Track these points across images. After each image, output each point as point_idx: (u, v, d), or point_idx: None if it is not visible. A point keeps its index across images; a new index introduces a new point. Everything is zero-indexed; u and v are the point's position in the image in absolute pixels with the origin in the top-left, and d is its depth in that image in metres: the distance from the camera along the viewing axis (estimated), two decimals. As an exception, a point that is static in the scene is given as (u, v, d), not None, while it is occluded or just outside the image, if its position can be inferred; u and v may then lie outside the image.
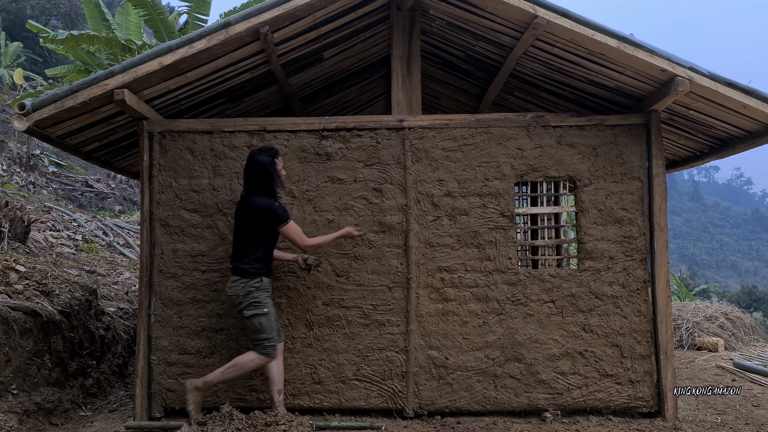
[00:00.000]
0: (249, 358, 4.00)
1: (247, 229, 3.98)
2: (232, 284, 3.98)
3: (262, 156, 4.01)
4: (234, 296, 3.96)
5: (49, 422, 4.22)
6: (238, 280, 3.96)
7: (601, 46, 4.02)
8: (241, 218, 4.00)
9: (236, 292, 3.95)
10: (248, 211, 3.97)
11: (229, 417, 4.11)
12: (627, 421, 4.34)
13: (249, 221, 3.97)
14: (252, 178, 4.01)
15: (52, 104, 4.07)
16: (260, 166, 3.98)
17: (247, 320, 3.97)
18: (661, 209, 4.48)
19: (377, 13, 4.99)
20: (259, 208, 3.94)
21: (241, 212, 4.02)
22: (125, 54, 9.58)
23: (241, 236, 4.01)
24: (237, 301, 3.97)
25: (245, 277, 3.95)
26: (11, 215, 6.71)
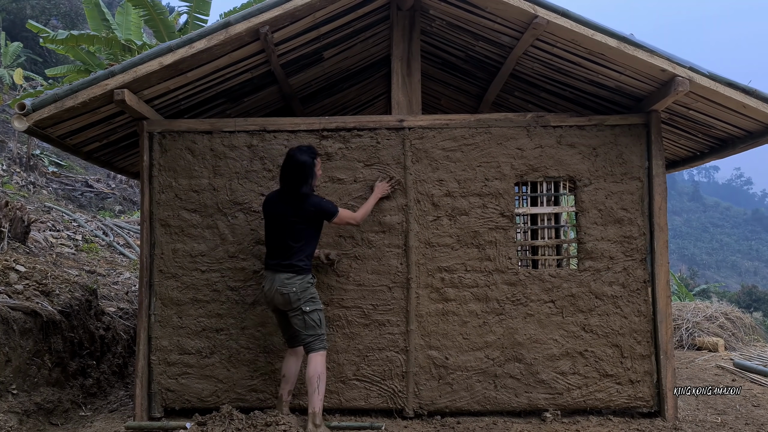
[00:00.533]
0: (318, 362, 3.89)
1: (294, 227, 3.90)
2: (287, 282, 3.86)
3: (303, 156, 3.94)
4: (290, 294, 3.85)
5: (49, 422, 4.22)
6: (293, 277, 3.87)
7: (601, 46, 4.02)
8: (287, 218, 3.91)
9: (293, 290, 3.85)
10: (298, 211, 3.89)
11: (229, 417, 4.11)
12: (627, 421, 4.34)
13: (303, 219, 3.90)
14: (290, 177, 3.94)
15: (52, 104, 4.07)
16: (301, 166, 3.91)
17: (306, 316, 3.88)
18: (661, 209, 4.48)
19: (377, 13, 4.99)
20: (310, 205, 3.91)
21: (284, 212, 3.92)
22: (125, 54, 9.58)
23: (286, 234, 3.91)
24: (294, 299, 3.85)
25: (300, 273, 3.89)
26: (11, 215, 6.70)
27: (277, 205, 3.99)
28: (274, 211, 4.00)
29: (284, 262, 3.91)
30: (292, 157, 3.95)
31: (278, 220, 3.96)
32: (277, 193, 4.06)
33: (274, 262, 3.95)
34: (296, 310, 3.89)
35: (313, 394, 3.85)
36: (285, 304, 3.90)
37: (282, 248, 3.94)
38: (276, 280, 3.90)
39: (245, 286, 4.51)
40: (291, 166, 3.94)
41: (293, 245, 3.90)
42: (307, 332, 3.92)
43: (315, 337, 3.92)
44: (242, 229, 4.54)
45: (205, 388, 4.45)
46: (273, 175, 4.57)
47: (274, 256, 3.97)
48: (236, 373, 4.46)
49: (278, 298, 3.90)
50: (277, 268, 3.92)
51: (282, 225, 3.94)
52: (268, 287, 3.95)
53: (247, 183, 4.58)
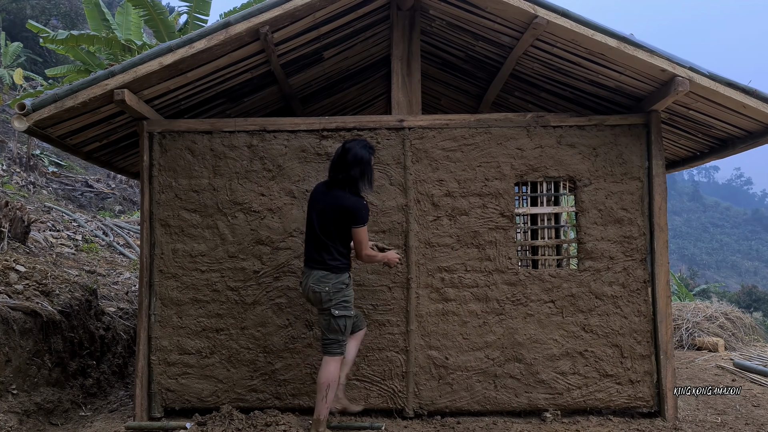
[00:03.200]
0: (331, 368, 3.73)
1: (332, 224, 3.72)
2: (321, 280, 3.70)
3: (362, 150, 3.73)
4: (321, 293, 3.69)
5: (49, 422, 4.22)
6: (327, 275, 3.71)
7: (601, 46, 4.02)
8: (325, 212, 3.73)
9: (325, 289, 3.69)
10: (334, 206, 3.70)
11: (229, 417, 4.12)
12: (627, 421, 4.34)
13: (335, 216, 3.71)
14: (343, 171, 3.71)
15: (52, 104, 4.06)
16: (359, 161, 3.70)
17: (333, 319, 3.71)
18: (661, 209, 4.48)
19: (377, 13, 4.99)
20: (346, 203, 3.68)
21: (323, 205, 3.75)
22: (125, 54, 9.58)
23: (324, 230, 3.74)
24: (325, 298, 3.69)
25: (334, 272, 3.72)
26: (11, 215, 6.70)
27: (319, 197, 3.81)
28: (315, 204, 3.81)
29: (319, 258, 3.75)
30: (349, 149, 3.73)
31: (315, 213, 3.78)
32: (324, 185, 3.86)
33: (309, 257, 3.81)
34: (325, 310, 3.74)
35: (321, 401, 3.72)
36: (316, 302, 3.76)
37: (316, 243, 3.77)
38: (311, 276, 3.76)
39: (245, 286, 4.51)
40: (347, 159, 3.70)
41: (328, 242, 3.73)
42: (329, 335, 3.77)
43: (335, 342, 3.77)
44: (242, 229, 4.54)
45: (205, 388, 4.45)
46: (273, 175, 4.57)
47: (310, 252, 3.81)
48: (236, 373, 4.46)
49: (311, 296, 3.77)
50: (313, 265, 3.77)
51: (318, 219, 3.77)
52: (304, 283, 3.82)
53: (247, 183, 4.58)
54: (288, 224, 4.54)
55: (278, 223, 4.54)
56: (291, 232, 4.54)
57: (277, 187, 4.57)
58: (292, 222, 4.54)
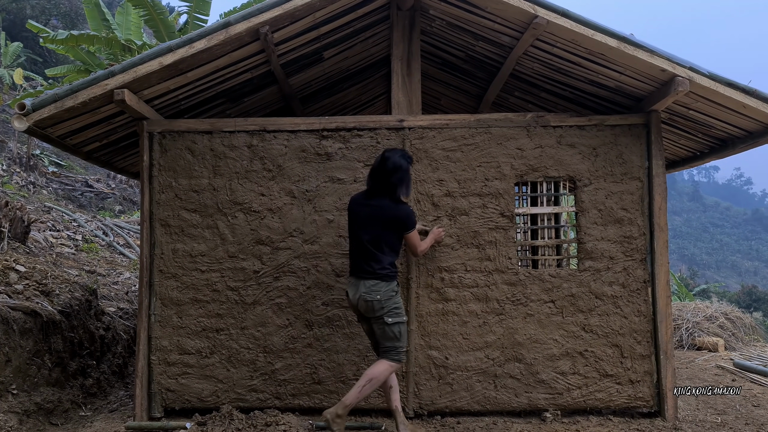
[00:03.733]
0: (382, 368, 3.73)
1: (381, 234, 3.75)
2: (372, 288, 3.71)
3: (401, 159, 3.79)
4: (374, 301, 3.69)
5: (49, 422, 4.22)
6: (378, 283, 3.72)
7: (601, 46, 4.02)
8: (371, 222, 3.76)
9: (377, 297, 3.69)
10: (382, 216, 3.74)
11: (229, 417, 4.12)
12: (627, 421, 4.34)
13: (384, 226, 3.75)
14: (383, 178, 3.76)
15: (52, 104, 4.07)
16: (398, 170, 3.75)
17: (387, 327, 3.72)
18: (661, 209, 4.48)
19: (377, 13, 4.99)
20: (395, 213, 3.75)
21: (368, 216, 3.77)
22: (125, 54, 9.58)
23: (372, 240, 3.75)
24: (377, 306, 3.69)
25: (384, 280, 3.73)
26: (11, 215, 6.71)
27: (363, 208, 3.82)
28: (358, 214, 3.83)
29: (368, 268, 3.76)
30: (388, 159, 3.77)
31: (363, 224, 3.79)
32: (364, 195, 3.89)
33: (357, 267, 3.82)
34: (378, 318, 3.74)
35: (357, 388, 3.70)
36: (368, 311, 3.75)
37: (365, 254, 3.78)
38: (360, 286, 3.75)
39: (245, 286, 4.51)
40: (387, 167, 3.75)
41: (376, 250, 3.75)
42: (385, 342, 3.78)
43: (392, 349, 3.76)
44: (242, 229, 4.54)
45: (205, 388, 4.45)
46: (273, 175, 4.57)
47: (357, 262, 3.82)
48: (236, 373, 4.46)
49: (362, 305, 3.74)
50: (361, 275, 3.77)
51: (366, 230, 3.78)
52: (353, 293, 3.80)
53: (247, 183, 4.58)
54: (288, 224, 4.54)
55: (278, 223, 4.54)
56: (291, 232, 4.54)
57: (277, 187, 4.57)
58: (292, 222, 4.54)
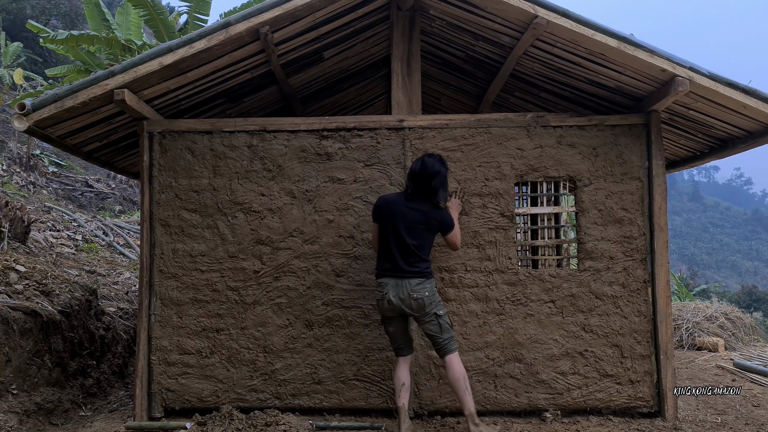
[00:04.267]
0: (458, 362, 3.84)
1: (424, 235, 3.86)
2: (419, 287, 3.78)
3: (441, 166, 3.91)
4: (424, 298, 3.78)
5: (49, 422, 4.22)
6: (423, 282, 3.81)
7: (601, 46, 4.02)
8: (414, 224, 3.83)
9: (425, 294, 3.79)
10: (426, 221, 3.85)
11: (229, 417, 4.12)
12: (627, 421, 4.34)
13: (427, 228, 3.86)
14: (425, 183, 3.85)
15: (52, 104, 4.07)
16: (438, 176, 3.86)
17: (440, 319, 3.84)
18: (661, 209, 4.48)
19: (377, 13, 4.99)
20: (440, 217, 3.89)
21: (410, 217, 3.84)
22: (125, 54, 9.58)
23: (416, 240, 3.83)
24: (428, 302, 3.80)
25: (428, 278, 3.85)
26: (11, 215, 6.71)
27: (403, 209, 3.87)
28: (398, 214, 3.86)
29: (411, 268, 3.81)
30: (432, 165, 3.88)
31: (407, 225, 3.84)
32: (402, 197, 3.94)
33: (397, 268, 3.83)
34: (430, 315, 3.82)
35: (465, 395, 3.78)
36: (419, 309, 3.79)
37: (407, 253, 3.83)
38: (404, 285, 3.79)
39: (245, 286, 4.51)
40: (430, 172, 3.85)
41: (419, 251, 3.83)
42: (443, 335, 3.84)
43: (450, 339, 3.87)
44: (242, 229, 4.54)
45: (205, 388, 4.45)
46: (273, 175, 4.57)
47: (396, 262, 3.84)
48: (236, 373, 4.46)
49: (412, 304, 3.78)
50: (403, 275, 3.81)
51: (408, 231, 3.83)
52: (395, 293, 3.79)
53: (247, 183, 4.58)
54: (288, 224, 4.54)
55: (278, 223, 4.54)
56: (291, 232, 4.54)
57: (277, 187, 4.57)
58: (292, 222, 4.54)
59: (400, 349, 4.00)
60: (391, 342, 4.04)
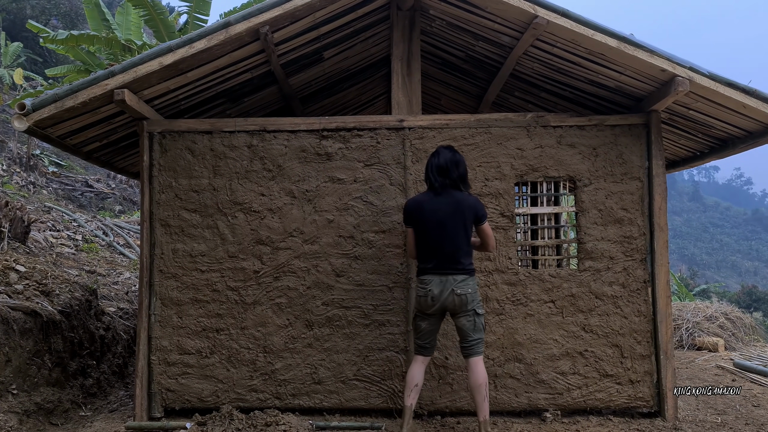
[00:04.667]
0: (482, 366, 3.80)
1: (460, 226, 3.78)
2: (462, 284, 3.74)
3: (456, 153, 3.89)
4: (467, 295, 3.75)
5: (49, 422, 4.22)
6: (467, 278, 3.77)
7: (601, 46, 4.02)
8: (451, 216, 3.76)
9: (468, 291, 3.75)
10: (461, 208, 3.77)
11: (229, 417, 4.12)
12: (627, 421, 4.34)
13: (464, 216, 3.78)
14: (452, 173, 3.80)
15: (52, 104, 4.07)
16: (460, 163, 3.85)
17: (478, 318, 3.81)
18: (661, 209, 4.48)
19: (377, 13, 4.99)
20: (472, 201, 3.84)
21: (447, 210, 3.77)
22: (125, 54, 9.58)
23: (455, 233, 3.77)
24: (470, 300, 3.76)
25: (471, 275, 3.81)
26: (11, 215, 6.71)
27: (436, 205, 3.80)
28: (433, 213, 3.79)
29: (454, 264, 3.78)
30: (451, 153, 3.86)
31: (440, 220, 3.78)
32: (430, 195, 3.87)
33: (441, 265, 3.79)
34: (469, 312, 3.79)
35: (483, 401, 3.74)
36: (461, 305, 3.76)
37: (448, 250, 3.78)
38: (448, 282, 3.75)
39: (245, 286, 4.51)
40: (453, 161, 3.82)
41: (461, 246, 3.78)
42: (475, 335, 3.81)
43: (480, 341, 3.84)
44: (242, 229, 4.54)
45: (205, 388, 4.45)
46: (273, 175, 4.57)
47: (439, 259, 3.80)
48: (236, 373, 4.46)
49: (455, 300, 3.74)
50: (447, 271, 3.77)
51: (449, 225, 3.78)
52: (438, 290, 3.75)
53: (247, 183, 4.58)
54: (288, 224, 4.54)
55: (278, 223, 4.54)
56: (291, 232, 4.54)
57: (277, 187, 4.57)
58: (292, 222, 4.54)
59: (424, 348, 3.93)
60: (418, 338, 3.94)
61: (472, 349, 3.82)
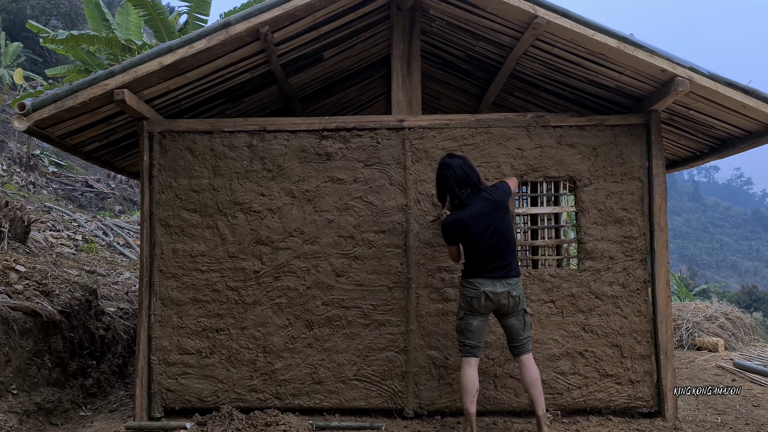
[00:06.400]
0: (534, 363, 3.90)
1: (507, 224, 3.85)
2: (515, 285, 3.82)
3: (463, 157, 4.00)
4: (519, 296, 3.84)
5: (49, 422, 4.22)
6: (517, 280, 3.84)
7: (601, 46, 4.02)
8: (492, 218, 3.80)
9: (520, 292, 3.85)
10: (494, 203, 3.82)
11: (229, 417, 4.12)
12: (627, 421, 4.34)
13: (504, 213, 3.85)
14: (472, 178, 3.88)
15: (52, 104, 4.07)
16: (471, 164, 3.95)
17: (526, 316, 3.89)
18: (661, 209, 4.48)
19: (377, 13, 4.99)
20: (500, 195, 3.87)
21: (485, 214, 3.80)
22: (125, 54, 9.58)
23: (503, 235, 3.81)
24: (521, 300, 3.84)
25: (519, 275, 3.87)
26: (11, 215, 6.71)
27: (475, 217, 3.81)
28: (476, 225, 3.80)
29: (509, 266, 3.83)
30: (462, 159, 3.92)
31: (487, 230, 3.79)
32: (462, 208, 3.86)
33: (496, 267, 3.81)
34: (520, 311, 3.86)
35: (541, 396, 3.82)
36: (514, 306, 3.82)
37: (503, 252, 3.83)
38: (501, 283, 3.80)
39: (245, 286, 4.51)
40: (467, 168, 3.88)
41: (508, 246, 3.84)
42: (524, 333, 3.88)
43: (529, 339, 3.91)
44: (242, 229, 4.54)
45: (205, 388, 4.45)
46: (273, 175, 4.57)
47: (493, 263, 3.81)
48: (236, 373, 4.46)
49: (509, 301, 3.79)
50: (502, 273, 3.80)
51: (494, 232, 3.80)
52: (492, 289, 3.78)
53: (247, 183, 4.58)
54: (288, 224, 4.54)
55: (278, 223, 4.54)
56: (291, 232, 4.54)
57: (277, 187, 4.57)
58: (292, 222, 4.54)
59: (477, 348, 3.90)
60: (469, 338, 3.89)
61: (523, 347, 3.88)
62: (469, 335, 3.89)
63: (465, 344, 3.90)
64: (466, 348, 3.90)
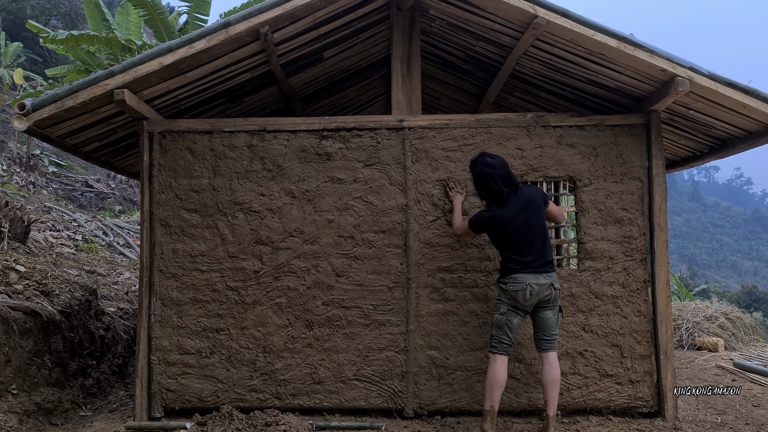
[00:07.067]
0: (558, 362, 3.95)
1: (542, 224, 3.96)
2: (555, 279, 3.92)
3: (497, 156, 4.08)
4: (559, 290, 3.93)
5: (49, 422, 4.22)
6: (555, 274, 3.94)
7: (601, 46, 4.02)
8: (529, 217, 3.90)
9: (558, 286, 3.93)
10: (530, 202, 3.93)
11: (229, 417, 4.12)
12: (627, 421, 4.34)
13: (538, 208, 3.94)
14: (513, 177, 4.01)
15: (52, 104, 4.07)
16: (502, 163, 4.01)
17: (560, 313, 3.99)
18: (661, 209, 4.48)
19: (377, 13, 4.99)
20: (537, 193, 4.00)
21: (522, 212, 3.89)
22: (125, 54, 9.58)
23: (540, 231, 3.92)
24: (559, 294, 3.94)
25: (555, 269, 3.97)
26: (11, 215, 6.71)
27: (513, 214, 3.90)
28: (513, 221, 3.89)
29: (548, 261, 3.91)
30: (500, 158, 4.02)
31: (527, 226, 3.89)
32: (499, 205, 3.95)
33: (537, 263, 3.88)
34: (557, 306, 3.95)
35: (557, 397, 3.89)
36: (554, 298, 3.91)
37: (543, 249, 3.92)
38: (543, 277, 3.87)
39: (245, 286, 4.51)
40: (507, 167, 3.99)
41: (546, 243, 3.95)
42: (556, 329, 3.96)
43: (557, 336, 3.99)
44: (242, 229, 4.54)
45: (205, 388, 4.45)
46: (273, 175, 4.57)
47: (533, 259, 3.89)
48: (236, 373, 4.46)
49: (552, 294, 3.88)
50: (542, 269, 3.88)
51: (533, 226, 3.91)
52: (535, 282, 3.84)
53: (247, 183, 4.58)
54: (288, 224, 4.54)
55: (278, 223, 4.54)
56: (291, 232, 4.54)
57: (277, 187, 4.57)
58: (292, 222, 4.54)
59: (511, 346, 3.94)
60: (507, 334, 3.90)
61: (552, 343, 3.94)
62: (507, 331, 3.92)
63: (502, 341, 3.92)
64: (503, 344, 3.92)
